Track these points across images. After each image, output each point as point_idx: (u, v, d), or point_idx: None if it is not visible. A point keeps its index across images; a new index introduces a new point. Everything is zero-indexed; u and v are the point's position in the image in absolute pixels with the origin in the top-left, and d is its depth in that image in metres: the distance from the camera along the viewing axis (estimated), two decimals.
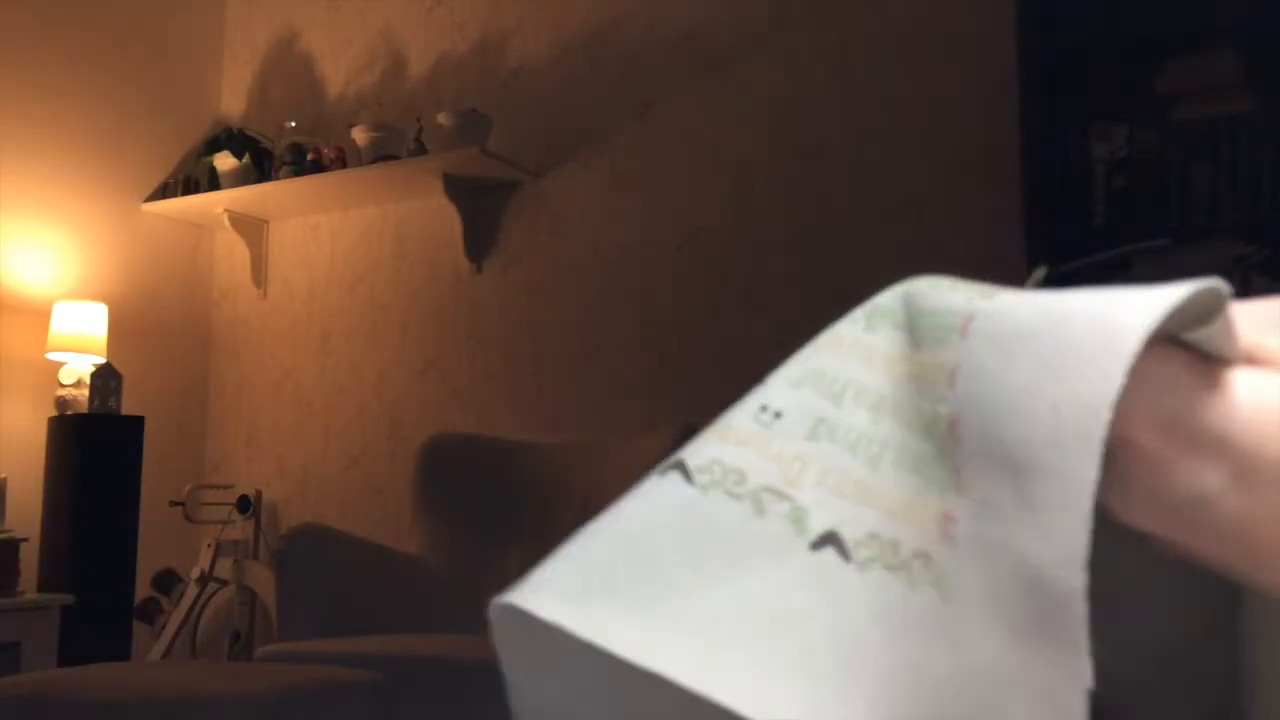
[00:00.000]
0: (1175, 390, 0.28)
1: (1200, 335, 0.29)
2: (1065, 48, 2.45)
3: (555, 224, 3.40)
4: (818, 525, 0.34)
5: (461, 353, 3.52)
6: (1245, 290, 2.26)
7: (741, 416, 0.37)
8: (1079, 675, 0.26)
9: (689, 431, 2.77)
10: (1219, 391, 0.28)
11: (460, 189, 3.44)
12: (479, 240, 3.51)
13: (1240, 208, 2.29)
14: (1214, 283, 0.28)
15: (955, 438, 0.32)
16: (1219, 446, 0.28)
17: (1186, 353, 0.29)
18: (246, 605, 3.48)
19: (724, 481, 0.35)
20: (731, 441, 0.36)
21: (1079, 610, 0.26)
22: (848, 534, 0.34)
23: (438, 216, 3.57)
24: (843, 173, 2.98)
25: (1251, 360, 0.29)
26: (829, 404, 0.36)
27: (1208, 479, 0.28)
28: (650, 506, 0.35)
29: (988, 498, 0.30)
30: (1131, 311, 0.28)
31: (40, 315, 3.39)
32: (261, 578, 3.38)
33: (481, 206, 3.50)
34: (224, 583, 3.46)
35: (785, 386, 0.37)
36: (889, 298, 0.38)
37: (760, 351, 3.03)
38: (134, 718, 1.70)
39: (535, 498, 2.94)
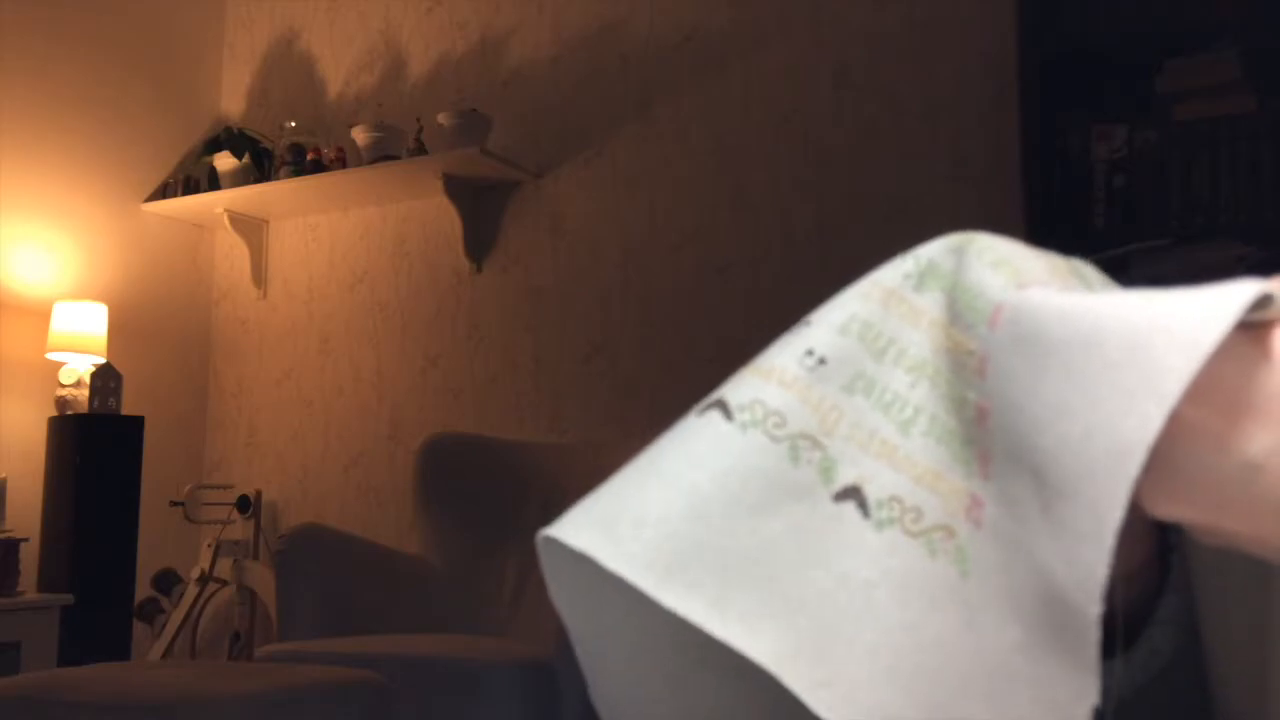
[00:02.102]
0: (1221, 360, 0.28)
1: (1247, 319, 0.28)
2: (1065, 48, 2.45)
3: (555, 224, 3.40)
4: (842, 478, 0.35)
5: (461, 353, 3.52)
6: None
7: (786, 357, 0.37)
8: (1086, 692, 0.27)
9: None
10: (1265, 356, 0.28)
11: (460, 189, 3.44)
12: (479, 240, 3.51)
13: (1240, 208, 2.29)
14: (1260, 291, 0.27)
15: (984, 426, 0.32)
16: (1267, 409, 0.27)
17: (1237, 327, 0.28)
18: (246, 605, 3.48)
19: (764, 423, 0.36)
20: (774, 382, 0.37)
21: (1092, 635, 0.26)
22: (870, 491, 0.34)
23: (438, 216, 3.57)
24: (843, 173, 2.98)
25: None
26: (870, 359, 0.36)
27: (1256, 444, 0.27)
28: (685, 442, 0.36)
29: (1013, 496, 0.30)
30: (1173, 348, 0.26)
31: (40, 315, 3.39)
32: (261, 578, 3.38)
33: (481, 206, 3.50)
34: (224, 583, 3.46)
35: (832, 332, 0.37)
36: (942, 255, 0.37)
37: (759, 352, 3.03)
38: (134, 718, 1.70)
39: (535, 498, 2.93)
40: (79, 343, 3.33)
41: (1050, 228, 2.38)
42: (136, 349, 3.68)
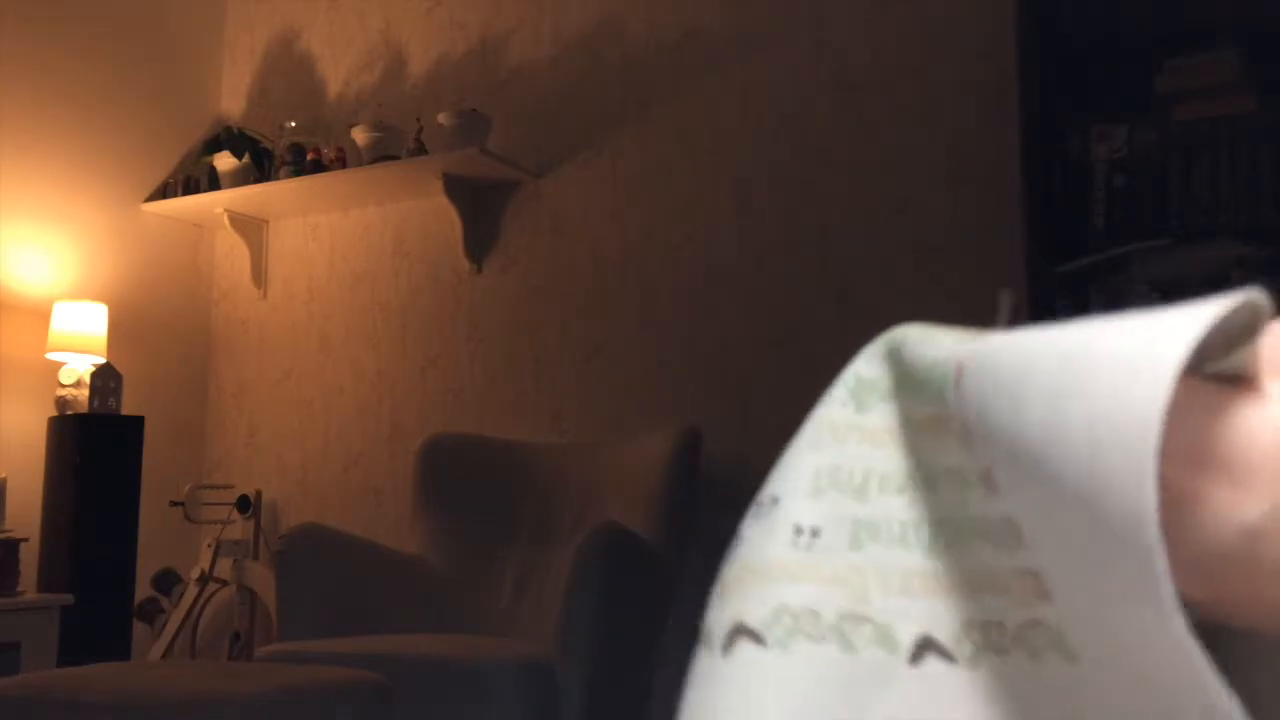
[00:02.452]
0: (1202, 417, 0.26)
1: (1231, 361, 0.27)
2: (1065, 48, 2.45)
3: (555, 224, 3.40)
4: (906, 637, 0.31)
5: (461, 353, 3.52)
6: None
7: (777, 547, 0.33)
8: (1215, 695, 0.24)
9: (689, 431, 2.77)
10: (1245, 411, 0.26)
11: (460, 189, 3.44)
12: (479, 240, 3.51)
13: (1240, 208, 2.29)
14: (1249, 298, 0.26)
15: (993, 487, 0.29)
16: (1254, 473, 0.26)
17: (1213, 381, 0.27)
18: (246, 605, 3.48)
19: (801, 628, 0.32)
20: (782, 579, 0.32)
21: (1169, 595, 0.24)
22: (941, 634, 0.31)
23: (438, 216, 3.57)
24: (843, 173, 2.97)
25: None
26: (856, 503, 0.33)
27: (1254, 508, 0.26)
28: (725, 696, 0.31)
29: (1050, 535, 0.28)
30: (1158, 339, 0.25)
31: (40, 315, 3.39)
32: (261, 578, 3.38)
33: (481, 206, 3.50)
34: (224, 583, 3.46)
35: (806, 499, 0.33)
36: (869, 367, 0.34)
37: (760, 351, 3.03)
38: (134, 718, 1.70)
39: (535, 498, 2.93)
40: (79, 343, 3.33)
41: (1050, 228, 2.38)
42: (136, 349, 3.68)
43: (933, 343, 0.32)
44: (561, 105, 3.42)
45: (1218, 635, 0.28)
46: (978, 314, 0.59)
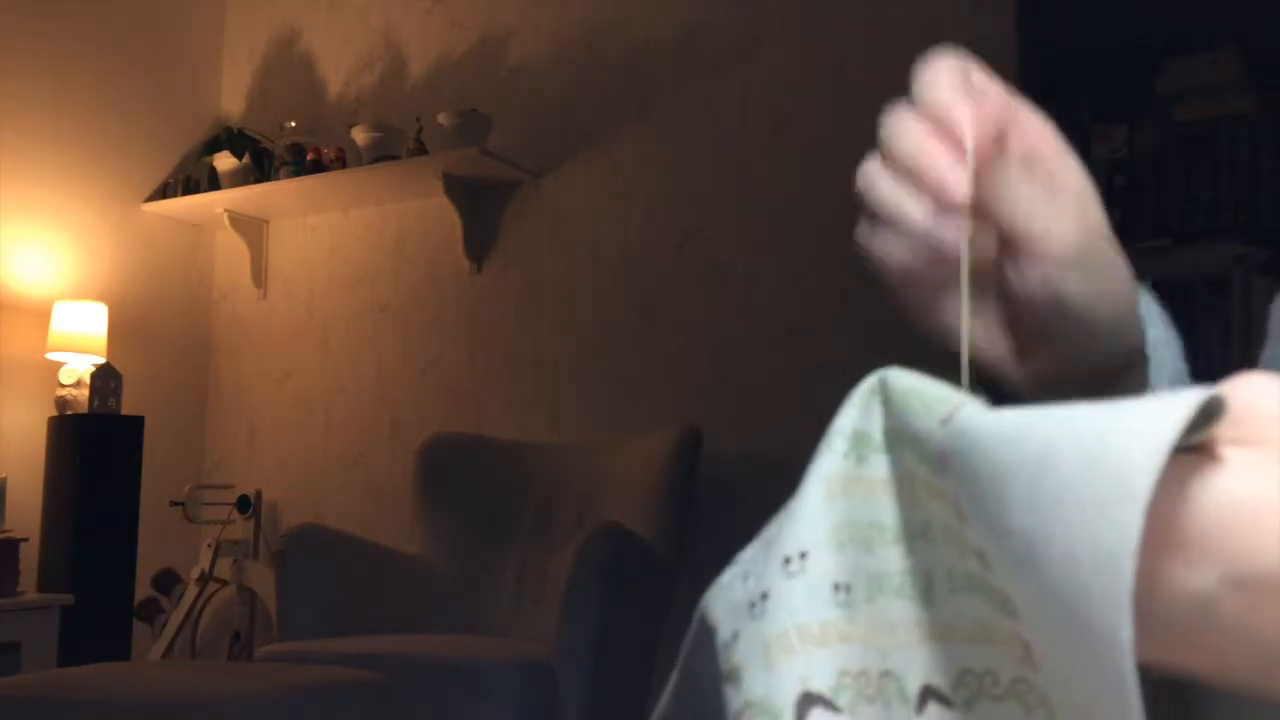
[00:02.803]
0: (1163, 499, 0.26)
1: (1196, 437, 0.27)
2: (1065, 48, 2.45)
3: (555, 224, 3.40)
4: (912, 688, 0.32)
5: (461, 353, 3.52)
6: (1246, 290, 2.25)
7: (822, 606, 0.33)
8: None
9: (689, 431, 2.77)
10: (1198, 482, 0.26)
11: (460, 189, 3.44)
12: (479, 240, 3.51)
13: (1240, 208, 2.29)
14: (1212, 397, 0.26)
15: (986, 566, 0.30)
16: (1205, 541, 0.26)
17: (1177, 453, 0.27)
18: (246, 605, 3.48)
19: (861, 691, 0.32)
20: (837, 642, 0.32)
21: None
22: (938, 681, 0.32)
23: (438, 216, 3.57)
24: (843, 173, 2.96)
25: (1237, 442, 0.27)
26: (865, 555, 0.33)
27: (1206, 576, 0.26)
28: None
29: (1039, 632, 0.28)
30: (1134, 448, 0.25)
31: (40, 315, 3.39)
32: (261, 578, 3.38)
33: (481, 206, 3.50)
34: (224, 583, 3.46)
35: (835, 552, 0.33)
36: (862, 419, 0.34)
37: (760, 352, 3.03)
38: (134, 718, 1.70)
39: (535, 498, 2.94)
40: (79, 343, 3.33)
41: None
42: (136, 349, 3.68)
43: (917, 408, 0.32)
44: (561, 105, 3.42)
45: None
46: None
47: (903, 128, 0.46)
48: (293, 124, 3.77)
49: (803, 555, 0.33)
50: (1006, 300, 0.50)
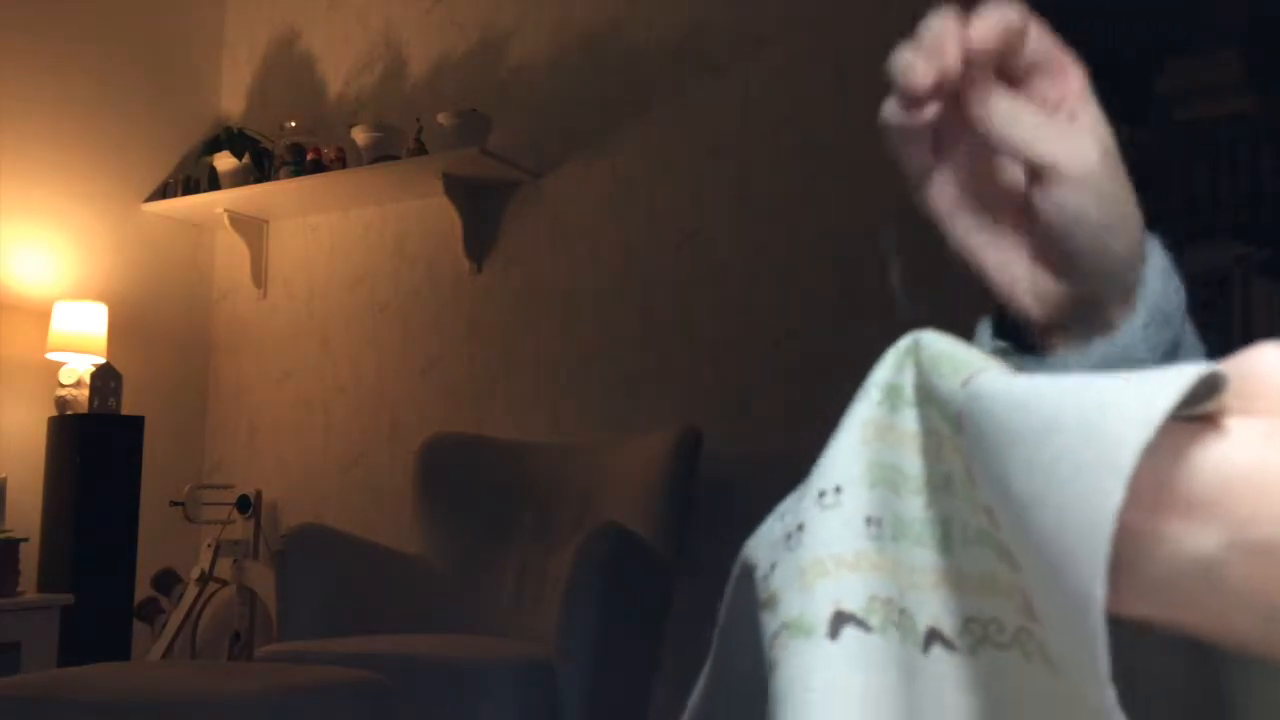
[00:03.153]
0: (1164, 460, 0.27)
1: (1201, 408, 0.28)
2: (1065, 48, 2.45)
3: (555, 224, 3.40)
4: (921, 628, 0.34)
5: (461, 353, 3.52)
6: (1245, 290, 2.25)
7: (855, 536, 0.35)
8: None
9: (689, 431, 2.77)
10: (1205, 448, 0.27)
11: (460, 189, 3.44)
12: (479, 240, 3.51)
13: (1240, 208, 2.29)
14: (1210, 373, 0.27)
15: (993, 523, 0.32)
16: (1210, 506, 0.27)
17: (1182, 420, 0.28)
18: (246, 605, 3.48)
19: (889, 617, 0.34)
20: (869, 570, 0.34)
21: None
22: (945, 627, 0.34)
23: (438, 216, 3.57)
24: (843, 173, 2.97)
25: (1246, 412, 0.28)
26: (895, 497, 0.35)
27: (1209, 540, 0.27)
28: (854, 680, 0.33)
29: (1035, 586, 0.30)
30: (1124, 421, 0.27)
31: (40, 315, 3.39)
32: (261, 578, 3.38)
33: (481, 206, 3.50)
34: (224, 583, 3.46)
35: (867, 489, 0.35)
36: (895, 374, 0.36)
37: (760, 351, 3.03)
38: (134, 718, 1.70)
39: (535, 498, 2.94)
40: (79, 343, 3.33)
41: None
42: (136, 349, 3.68)
43: (945, 370, 0.34)
44: (561, 105, 3.41)
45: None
46: (977, 314, 0.60)
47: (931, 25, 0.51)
48: (293, 124, 3.77)
49: (838, 489, 0.35)
50: (1035, 235, 0.52)
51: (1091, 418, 0.27)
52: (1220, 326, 2.26)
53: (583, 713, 2.25)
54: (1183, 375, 0.27)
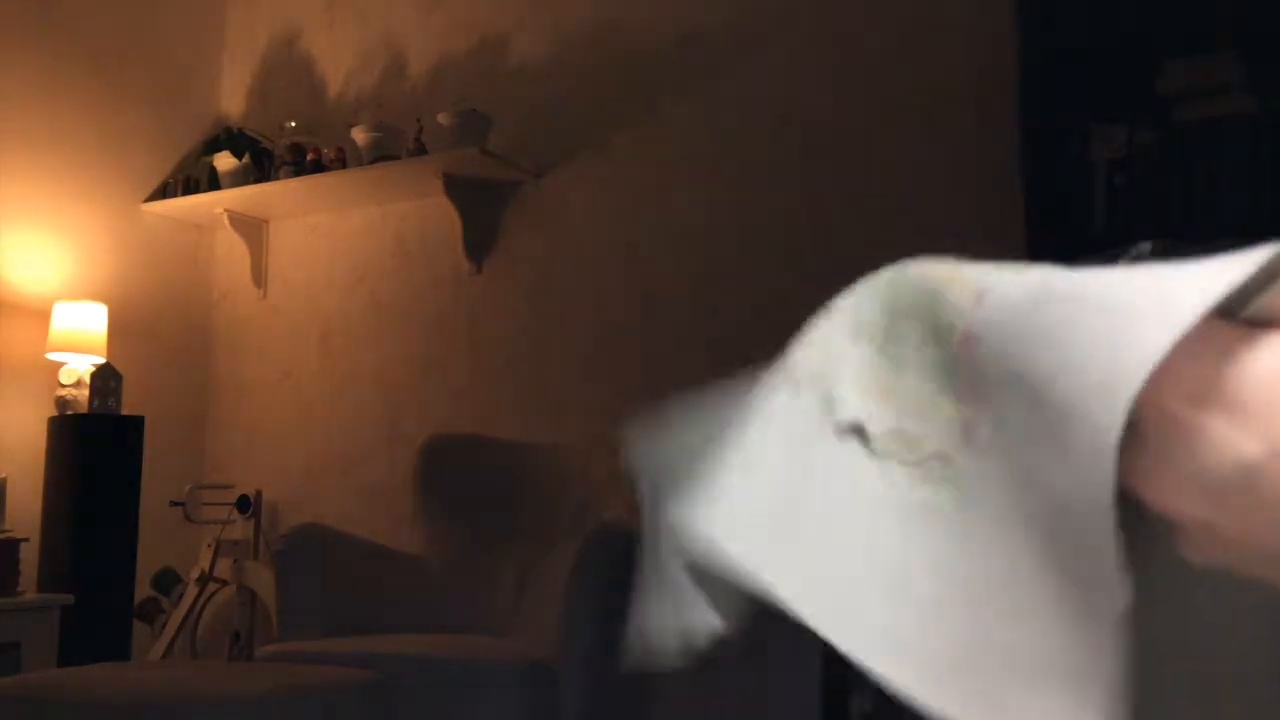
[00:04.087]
0: (1213, 357, 0.27)
1: (1257, 307, 0.28)
2: (1065, 48, 2.45)
3: (555, 224, 3.40)
4: (844, 415, 0.37)
5: (461, 353, 3.52)
6: None
7: (835, 333, 0.40)
8: (1112, 602, 0.27)
9: None
10: (1255, 355, 0.27)
11: (460, 189, 3.44)
12: (479, 240, 3.51)
13: (1240, 208, 2.29)
14: (1274, 258, 0.27)
15: (970, 352, 0.32)
16: (1255, 412, 0.27)
17: (1231, 323, 0.28)
18: (246, 605, 3.48)
19: (807, 380, 0.40)
20: (820, 348, 0.40)
21: (1109, 548, 0.27)
22: (872, 428, 0.36)
23: (438, 216, 3.56)
24: (843, 173, 2.97)
25: None
26: (857, 338, 0.39)
27: (1253, 446, 0.26)
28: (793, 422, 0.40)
29: (1008, 418, 0.31)
30: (1185, 289, 0.27)
31: (40, 315, 3.39)
32: (261, 578, 3.38)
33: (481, 206, 3.50)
34: (224, 583, 3.46)
35: (839, 324, 0.40)
36: (870, 308, 0.39)
37: (759, 352, 3.03)
38: (134, 718, 1.70)
39: (535, 498, 2.94)
40: (79, 343, 3.33)
41: (1050, 228, 2.38)
42: (136, 349, 3.68)
43: (953, 292, 0.35)
44: (561, 105, 3.41)
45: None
46: None
47: None
48: (293, 124, 3.77)
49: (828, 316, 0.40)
50: None
51: (1146, 284, 0.28)
52: None
53: (583, 713, 2.25)
54: (1248, 259, 0.27)
